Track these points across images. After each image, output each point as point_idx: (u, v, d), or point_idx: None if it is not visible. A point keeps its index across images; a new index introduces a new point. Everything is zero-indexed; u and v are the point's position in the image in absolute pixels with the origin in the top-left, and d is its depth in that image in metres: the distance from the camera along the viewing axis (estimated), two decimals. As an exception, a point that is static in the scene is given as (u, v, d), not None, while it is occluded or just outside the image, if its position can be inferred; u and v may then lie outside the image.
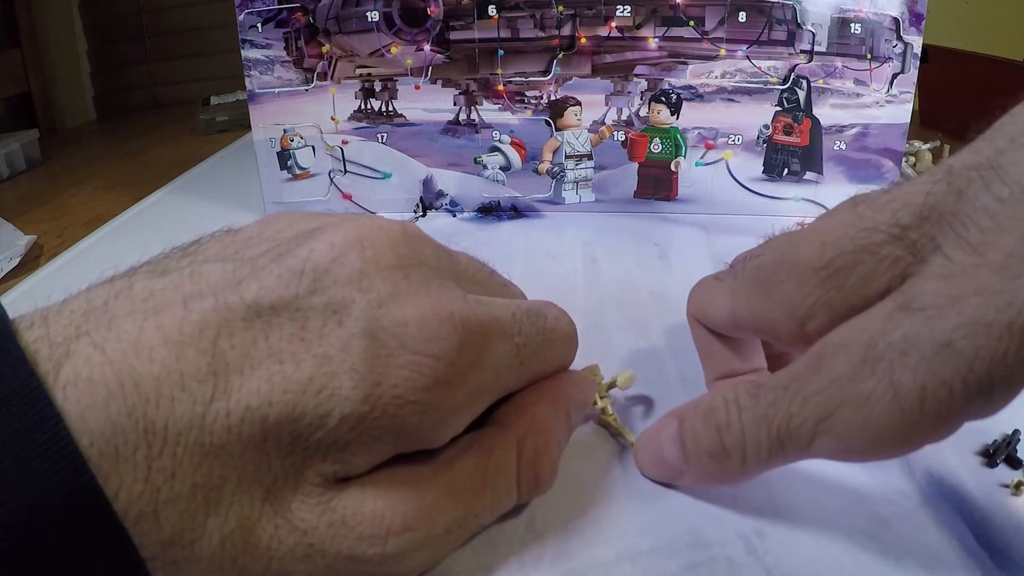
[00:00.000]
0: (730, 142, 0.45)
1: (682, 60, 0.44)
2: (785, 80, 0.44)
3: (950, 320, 0.16)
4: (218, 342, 0.16)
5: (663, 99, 0.45)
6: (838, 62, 0.43)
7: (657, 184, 0.46)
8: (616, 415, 0.25)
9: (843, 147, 0.45)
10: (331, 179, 0.48)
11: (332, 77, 0.46)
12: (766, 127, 0.45)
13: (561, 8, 0.43)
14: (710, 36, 0.43)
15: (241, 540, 0.16)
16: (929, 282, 0.17)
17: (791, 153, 0.45)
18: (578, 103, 0.45)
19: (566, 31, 0.44)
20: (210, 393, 0.15)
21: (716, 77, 0.44)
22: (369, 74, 0.46)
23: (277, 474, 0.17)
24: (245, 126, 0.72)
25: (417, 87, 0.46)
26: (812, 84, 0.44)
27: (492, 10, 0.44)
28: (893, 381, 0.16)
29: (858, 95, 0.44)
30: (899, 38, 0.43)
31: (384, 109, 0.46)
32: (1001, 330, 0.15)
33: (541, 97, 0.45)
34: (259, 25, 0.45)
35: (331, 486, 0.17)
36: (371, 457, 0.18)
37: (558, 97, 0.45)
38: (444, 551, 0.19)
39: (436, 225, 0.46)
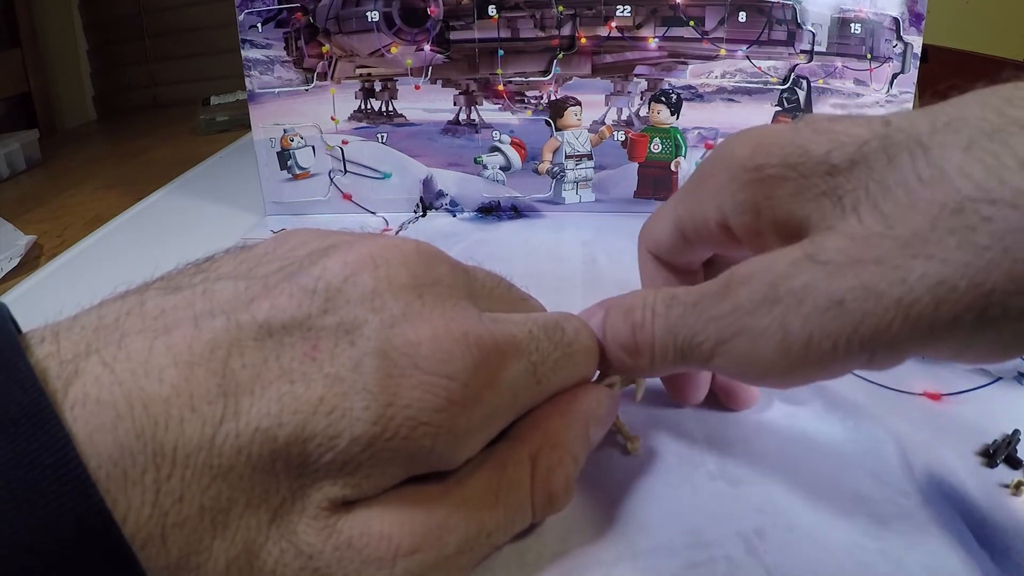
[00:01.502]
0: (730, 142, 0.45)
1: (682, 60, 0.44)
2: (785, 80, 0.44)
3: (847, 280, 0.16)
4: (229, 362, 0.16)
5: (663, 99, 0.45)
6: (838, 62, 0.43)
7: (657, 184, 0.46)
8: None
9: (843, 147, 0.45)
10: (331, 179, 0.48)
11: (332, 77, 0.46)
12: (766, 127, 0.45)
13: (561, 8, 0.43)
14: (710, 36, 0.43)
15: (246, 564, 0.16)
16: (838, 239, 0.17)
17: (791, 153, 0.45)
18: (578, 103, 0.45)
19: (566, 31, 0.44)
20: (219, 414, 0.15)
21: (716, 77, 0.44)
22: (369, 74, 0.46)
23: (285, 496, 0.16)
24: (245, 126, 0.72)
25: (417, 87, 0.46)
26: (812, 84, 0.44)
27: (492, 10, 0.44)
28: (785, 324, 0.17)
29: (858, 95, 0.44)
30: (899, 38, 0.43)
31: (384, 109, 0.46)
32: (889, 303, 0.15)
33: (541, 97, 0.45)
34: (259, 25, 0.45)
35: (338, 508, 0.17)
36: (383, 480, 0.17)
37: (558, 97, 0.45)
38: (455, 574, 0.19)
39: (436, 225, 0.46)
